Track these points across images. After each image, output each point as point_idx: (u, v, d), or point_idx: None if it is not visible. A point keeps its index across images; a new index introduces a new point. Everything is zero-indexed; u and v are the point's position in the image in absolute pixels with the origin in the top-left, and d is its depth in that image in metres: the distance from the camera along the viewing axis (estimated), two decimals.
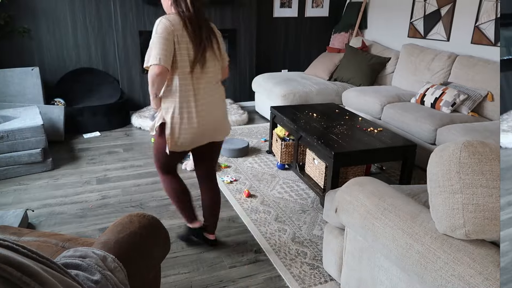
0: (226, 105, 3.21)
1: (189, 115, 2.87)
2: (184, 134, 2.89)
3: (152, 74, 2.80)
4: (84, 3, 6.33)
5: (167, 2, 2.95)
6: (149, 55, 2.84)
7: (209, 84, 2.97)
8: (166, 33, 2.76)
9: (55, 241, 2.07)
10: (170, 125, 2.86)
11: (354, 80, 6.53)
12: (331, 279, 2.99)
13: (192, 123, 2.88)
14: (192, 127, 2.89)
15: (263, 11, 7.51)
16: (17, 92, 5.40)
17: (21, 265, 1.00)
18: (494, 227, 1.64)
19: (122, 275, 1.63)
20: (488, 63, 5.00)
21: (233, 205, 4.04)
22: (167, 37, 2.76)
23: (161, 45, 2.75)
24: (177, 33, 2.78)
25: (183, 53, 2.82)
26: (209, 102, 2.96)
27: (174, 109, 2.85)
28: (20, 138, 4.45)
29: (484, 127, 4.41)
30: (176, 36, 2.78)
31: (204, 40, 2.90)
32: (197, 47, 2.85)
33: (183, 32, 2.81)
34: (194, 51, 2.84)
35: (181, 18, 2.83)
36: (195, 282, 2.96)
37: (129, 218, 1.99)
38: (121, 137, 5.90)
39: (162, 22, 2.78)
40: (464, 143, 1.71)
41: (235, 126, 6.44)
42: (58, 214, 3.84)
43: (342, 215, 2.41)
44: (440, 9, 5.90)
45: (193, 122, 2.88)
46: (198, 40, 2.86)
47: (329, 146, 3.82)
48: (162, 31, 2.77)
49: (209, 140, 3.06)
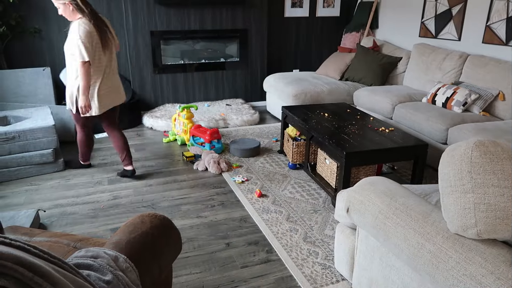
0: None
1: (108, 88, 4.12)
2: (105, 101, 4.13)
3: (86, 68, 3.82)
4: (95, 3, 6.35)
5: (68, 11, 3.84)
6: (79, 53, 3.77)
7: (113, 63, 4.17)
8: (89, 36, 3.81)
9: (66, 242, 2.08)
10: (97, 97, 4.04)
11: (366, 80, 6.51)
12: (342, 279, 2.98)
13: (110, 93, 4.15)
14: (109, 96, 4.17)
15: (274, 11, 7.51)
16: (29, 93, 5.43)
17: (32, 265, 1.00)
18: (506, 227, 1.63)
19: (133, 275, 1.63)
20: (500, 63, 4.97)
21: (244, 205, 4.05)
22: (89, 40, 3.80)
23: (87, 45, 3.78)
24: (93, 33, 3.84)
25: (97, 46, 3.90)
26: (115, 78, 4.24)
27: (100, 85, 4.03)
28: (32, 138, 4.48)
29: (496, 127, 4.38)
30: (92, 36, 3.84)
31: (107, 33, 4.01)
32: (104, 39, 3.97)
33: (94, 31, 3.85)
34: (102, 43, 3.94)
35: (88, 21, 3.83)
36: (206, 282, 2.97)
37: (140, 218, 2.00)
38: (132, 137, 5.92)
39: (83, 27, 3.78)
40: (476, 143, 1.70)
41: (247, 126, 6.45)
42: (69, 215, 3.87)
43: (353, 214, 2.41)
44: (451, 8, 5.87)
45: (110, 92, 4.16)
46: (104, 34, 3.97)
47: (341, 145, 3.82)
48: (85, 36, 3.77)
49: (116, 103, 4.31)
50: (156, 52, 6.65)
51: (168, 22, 6.55)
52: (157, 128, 6.24)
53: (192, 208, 3.99)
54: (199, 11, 6.67)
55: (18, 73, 5.41)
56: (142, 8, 6.34)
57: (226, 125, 6.41)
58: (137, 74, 6.65)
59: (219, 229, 3.64)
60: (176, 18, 6.57)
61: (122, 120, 6.15)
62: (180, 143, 5.62)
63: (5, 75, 5.34)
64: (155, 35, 6.52)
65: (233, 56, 7.24)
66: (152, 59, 6.64)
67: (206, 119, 6.25)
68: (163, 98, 6.93)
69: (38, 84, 5.48)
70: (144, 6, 6.34)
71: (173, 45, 6.80)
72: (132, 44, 6.46)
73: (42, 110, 5.05)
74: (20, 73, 5.43)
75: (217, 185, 4.49)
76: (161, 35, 6.58)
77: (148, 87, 6.79)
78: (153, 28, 6.50)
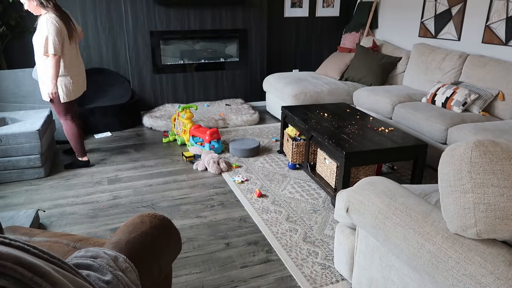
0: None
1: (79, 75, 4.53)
2: (78, 87, 4.56)
3: (56, 60, 4.14)
4: (95, 3, 6.36)
5: (33, 6, 4.11)
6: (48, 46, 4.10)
7: (77, 52, 4.52)
8: (58, 30, 4.11)
9: (66, 242, 2.08)
10: (72, 84, 4.42)
11: (365, 80, 6.51)
12: (342, 279, 2.99)
13: (78, 81, 4.53)
14: (79, 83, 4.57)
15: (274, 11, 7.52)
16: (28, 93, 5.42)
17: (32, 265, 1.00)
18: (506, 227, 1.63)
19: (133, 275, 1.63)
20: (499, 63, 4.97)
21: (244, 205, 4.05)
22: (58, 33, 4.11)
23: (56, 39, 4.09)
24: (61, 27, 4.15)
25: (65, 38, 4.22)
26: (82, 68, 4.63)
27: (72, 72, 4.40)
28: (14, 143, 4.40)
29: (495, 127, 4.38)
30: (61, 30, 4.14)
31: (71, 25, 4.33)
32: (70, 31, 4.28)
33: (62, 25, 4.17)
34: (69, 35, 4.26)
35: (55, 15, 4.12)
36: (206, 282, 2.97)
37: (140, 218, 2.00)
38: (132, 137, 5.92)
39: (51, 21, 4.08)
40: (475, 143, 1.70)
41: (246, 126, 6.45)
42: (69, 215, 3.87)
43: (353, 214, 2.41)
44: (451, 8, 5.87)
45: (79, 80, 4.54)
46: (69, 27, 4.28)
47: (340, 145, 3.82)
48: (54, 30, 4.08)
49: (84, 89, 4.73)
50: (155, 52, 6.65)
51: (168, 22, 6.55)
52: (157, 128, 6.24)
53: (192, 208, 3.99)
54: (198, 11, 6.67)
55: (18, 73, 5.40)
56: (142, 8, 6.34)
57: (225, 125, 6.41)
58: (136, 74, 6.65)
59: (218, 229, 3.64)
60: (176, 18, 6.57)
61: (122, 120, 6.17)
62: (180, 143, 5.61)
63: (5, 76, 5.34)
64: (154, 35, 6.52)
65: (233, 56, 7.24)
66: (151, 59, 6.64)
67: (206, 119, 6.25)
68: (163, 98, 6.93)
69: (37, 84, 5.47)
70: (143, 6, 6.34)
71: (173, 45, 6.80)
72: (131, 44, 6.47)
73: (40, 112, 5.02)
74: (20, 73, 5.42)
75: (217, 185, 4.49)
76: (160, 35, 6.58)
77: (148, 87, 6.79)
78: (153, 28, 6.50)
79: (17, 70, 5.44)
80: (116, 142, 5.75)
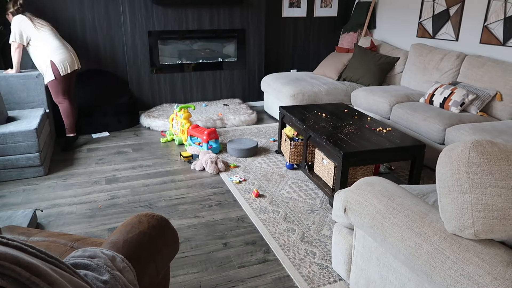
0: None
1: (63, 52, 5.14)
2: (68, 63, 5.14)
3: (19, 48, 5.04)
4: (93, 3, 6.36)
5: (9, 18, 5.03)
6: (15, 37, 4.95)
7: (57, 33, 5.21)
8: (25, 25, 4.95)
9: (64, 241, 2.08)
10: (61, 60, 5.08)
11: (363, 80, 6.52)
12: (340, 279, 2.99)
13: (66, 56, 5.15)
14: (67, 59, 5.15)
15: (272, 11, 7.52)
16: (23, 92, 5.40)
17: (30, 265, 1.00)
18: (503, 227, 1.63)
19: (131, 275, 1.63)
20: (497, 63, 4.98)
21: (242, 205, 4.05)
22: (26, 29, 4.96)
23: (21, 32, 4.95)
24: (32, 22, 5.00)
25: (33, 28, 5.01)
26: (66, 46, 5.20)
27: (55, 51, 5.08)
28: (12, 142, 4.40)
29: (493, 127, 4.39)
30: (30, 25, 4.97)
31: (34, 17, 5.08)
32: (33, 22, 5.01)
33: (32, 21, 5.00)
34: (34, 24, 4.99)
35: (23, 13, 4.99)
36: (204, 282, 2.97)
37: (138, 218, 2.00)
38: (130, 137, 5.92)
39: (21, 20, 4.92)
40: (473, 143, 1.71)
41: (244, 126, 6.45)
42: (67, 214, 3.86)
43: (351, 215, 2.41)
44: (449, 9, 5.88)
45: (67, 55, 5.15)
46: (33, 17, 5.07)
47: (338, 146, 3.82)
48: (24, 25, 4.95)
49: (75, 67, 5.25)
50: (153, 52, 6.65)
51: (166, 22, 6.54)
52: (155, 128, 6.23)
53: (190, 208, 3.99)
54: (196, 11, 6.67)
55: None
56: (140, 8, 6.34)
57: (223, 125, 6.41)
58: (134, 74, 6.65)
59: (216, 229, 3.64)
60: (174, 18, 6.57)
61: (120, 120, 6.16)
62: (178, 143, 5.61)
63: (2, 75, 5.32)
64: (152, 35, 6.52)
65: (231, 56, 7.24)
66: (149, 59, 6.64)
67: (204, 119, 6.25)
68: (161, 98, 6.93)
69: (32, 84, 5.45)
70: (141, 6, 6.33)
71: (171, 45, 6.80)
72: (129, 44, 6.46)
73: (35, 111, 5.00)
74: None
75: (215, 185, 4.49)
76: (158, 35, 6.58)
77: (146, 87, 6.79)
78: (151, 28, 6.50)
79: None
80: (114, 141, 5.75)
